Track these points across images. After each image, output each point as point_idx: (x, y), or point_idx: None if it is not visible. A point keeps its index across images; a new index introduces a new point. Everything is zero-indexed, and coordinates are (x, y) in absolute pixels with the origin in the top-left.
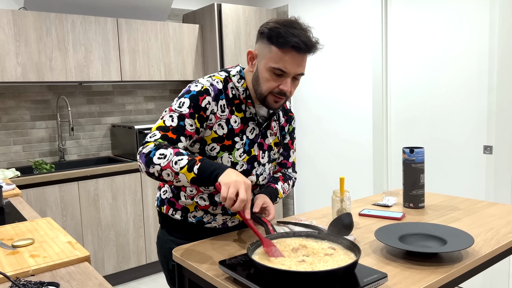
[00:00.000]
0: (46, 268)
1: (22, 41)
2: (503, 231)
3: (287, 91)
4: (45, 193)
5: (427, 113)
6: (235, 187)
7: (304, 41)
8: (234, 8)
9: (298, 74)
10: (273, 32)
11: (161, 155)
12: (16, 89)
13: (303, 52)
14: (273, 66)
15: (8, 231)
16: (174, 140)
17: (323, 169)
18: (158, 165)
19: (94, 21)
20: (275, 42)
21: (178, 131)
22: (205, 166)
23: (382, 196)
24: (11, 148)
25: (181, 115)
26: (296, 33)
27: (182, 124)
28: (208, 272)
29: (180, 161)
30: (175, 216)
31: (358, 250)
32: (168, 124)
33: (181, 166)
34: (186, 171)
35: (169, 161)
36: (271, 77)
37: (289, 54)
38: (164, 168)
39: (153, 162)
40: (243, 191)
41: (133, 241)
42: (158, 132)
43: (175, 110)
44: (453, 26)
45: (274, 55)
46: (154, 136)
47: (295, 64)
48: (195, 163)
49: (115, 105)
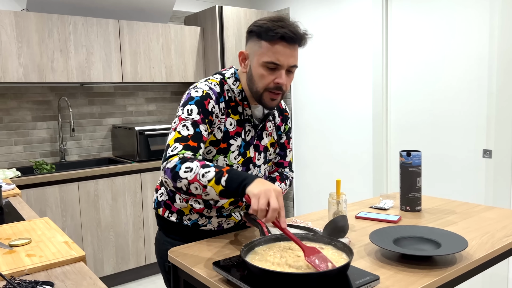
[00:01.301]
0: (41, 267)
1: (24, 42)
2: (498, 235)
3: (283, 84)
4: (45, 193)
5: (427, 116)
6: (265, 197)
7: (292, 31)
8: (236, 11)
9: (292, 66)
10: (262, 28)
11: (187, 168)
12: (18, 90)
13: (292, 42)
14: (266, 60)
15: (6, 230)
16: (196, 148)
17: (323, 172)
18: (185, 179)
19: (96, 22)
20: (264, 37)
21: (197, 138)
22: (233, 178)
23: (379, 199)
24: (12, 148)
25: (194, 122)
26: (284, 25)
27: (198, 131)
28: (202, 273)
29: (207, 174)
30: (171, 218)
31: (350, 252)
32: (185, 133)
33: (209, 179)
34: (214, 183)
35: (196, 174)
36: (266, 72)
37: (280, 46)
38: (192, 181)
39: (180, 176)
40: (274, 200)
41: (132, 242)
42: (179, 144)
43: (186, 119)
44: (453, 30)
45: (265, 50)
46: (176, 149)
47: (287, 55)
48: (223, 174)
49: (116, 106)
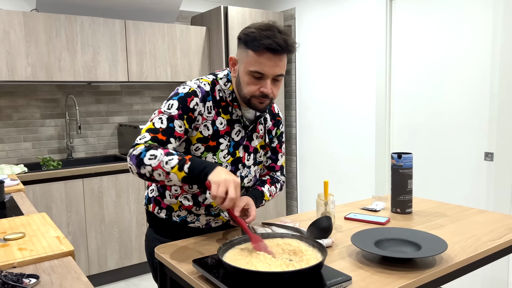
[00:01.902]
0: (30, 261)
1: (33, 42)
2: (484, 239)
3: (268, 93)
4: (51, 189)
5: (429, 118)
6: (224, 186)
7: (277, 43)
8: (241, 11)
9: (277, 75)
10: (248, 37)
11: (152, 155)
12: (27, 88)
13: (278, 53)
14: (251, 70)
15: (3, 224)
16: (164, 141)
17: (326, 172)
18: (149, 165)
19: (102, 22)
20: (250, 46)
21: (167, 133)
22: (195, 165)
23: (371, 200)
24: (21, 145)
25: (170, 117)
26: (271, 35)
27: (171, 126)
28: (184, 270)
29: (170, 161)
30: (160, 214)
31: (325, 252)
32: (157, 126)
33: (172, 165)
34: (177, 170)
35: (159, 161)
36: (251, 81)
37: (265, 56)
38: (155, 168)
39: (144, 163)
40: (232, 190)
41: (135, 238)
42: (148, 134)
43: (164, 112)
44: (456, 32)
45: (251, 59)
46: (144, 138)
47: (272, 65)
48: (185, 162)
49: (122, 105)
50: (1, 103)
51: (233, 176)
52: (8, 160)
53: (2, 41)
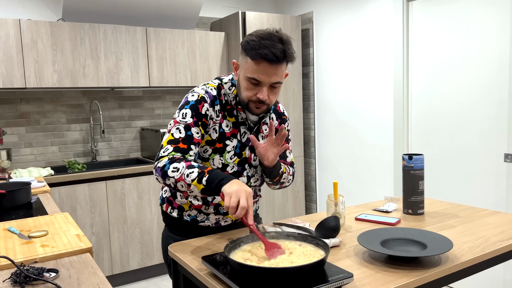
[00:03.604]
0: (51, 256)
1: (59, 50)
2: (493, 240)
3: (264, 99)
4: (75, 191)
5: (447, 119)
6: (236, 196)
7: (274, 53)
8: (258, 16)
9: (274, 83)
10: (248, 45)
11: (175, 168)
12: (54, 94)
13: (274, 63)
14: (249, 76)
15: (28, 223)
16: (185, 149)
17: (345, 174)
18: (173, 177)
19: (124, 30)
20: (249, 54)
21: (187, 141)
22: (212, 178)
23: (384, 201)
24: (48, 149)
25: (187, 126)
26: (269, 44)
27: (189, 134)
28: (194, 266)
29: (191, 174)
30: (172, 214)
31: (328, 249)
32: (177, 136)
33: (192, 178)
34: (197, 183)
35: (181, 174)
36: (249, 86)
37: (262, 65)
38: (178, 180)
39: (168, 175)
40: (243, 200)
41: (156, 239)
42: (170, 146)
43: (180, 122)
44: (474, 33)
45: (249, 66)
46: (167, 151)
47: (268, 74)
48: (204, 175)
49: (144, 110)
50: (30, 108)
51: (245, 186)
52: (36, 163)
53: (30, 50)
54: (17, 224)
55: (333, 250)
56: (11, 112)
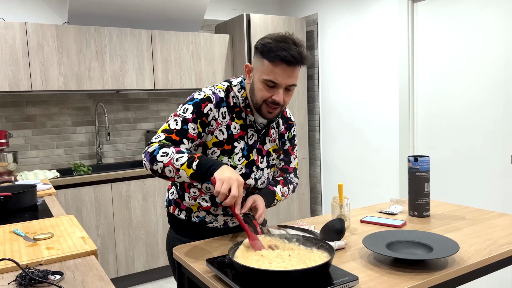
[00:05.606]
0: (56, 259)
1: (64, 53)
2: (500, 242)
3: (279, 101)
4: (81, 193)
5: (453, 121)
6: (228, 183)
7: (292, 55)
8: (263, 18)
9: (290, 85)
10: (265, 48)
11: (164, 153)
12: (60, 97)
13: (292, 65)
14: (265, 78)
15: (34, 225)
16: (177, 141)
17: (350, 176)
18: (161, 162)
19: (129, 33)
20: (266, 56)
21: (181, 134)
22: (203, 163)
23: (390, 204)
24: (54, 151)
25: (184, 120)
26: (286, 47)
27: (185, 128)
28: (198, 269)
29: (180, 158)
30: (180, 216)
31: (332, 252)
32: (172, 127)
33: (182, 163)
34: (186, 167)
35: (171, 159)
36: (264, 88)
37: (279, 67)
38: (166, 165)
39: (157, 159)
40: (235, 188)
41: (162, 241)
42: (163, 134)
43: (179, 115)
44: (479, 34)
45: (266, 68)
46: (159, 138)
47: (285, 76)
48: (194, 159)
49: (150, 112)
50: (36, 111)
51: (237, 175)
52: (42, 166)
53: (36, 53)
54: (22, 226)
55: (338, 252)
56: (17, 115)
